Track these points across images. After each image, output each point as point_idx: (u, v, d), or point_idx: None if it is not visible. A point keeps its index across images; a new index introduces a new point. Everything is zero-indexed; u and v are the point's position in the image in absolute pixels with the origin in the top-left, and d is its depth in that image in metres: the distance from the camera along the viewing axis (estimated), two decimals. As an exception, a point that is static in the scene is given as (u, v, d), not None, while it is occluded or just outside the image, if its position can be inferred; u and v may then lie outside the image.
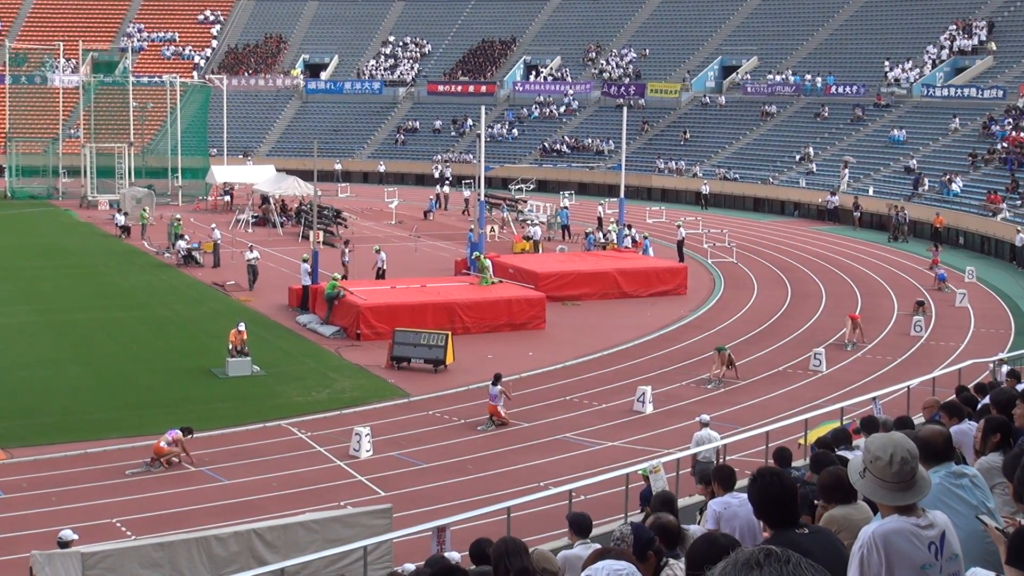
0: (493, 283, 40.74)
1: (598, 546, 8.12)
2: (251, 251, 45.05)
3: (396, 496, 22.09)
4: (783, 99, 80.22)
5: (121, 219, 59.26)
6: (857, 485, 5.17)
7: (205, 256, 49.88)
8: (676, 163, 77.99)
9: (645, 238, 51.99)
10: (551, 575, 8.60)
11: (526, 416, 27.98)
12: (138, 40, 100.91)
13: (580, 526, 10.54)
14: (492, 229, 57.17)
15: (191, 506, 22.18)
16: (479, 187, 51.64)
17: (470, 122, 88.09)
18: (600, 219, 60.03)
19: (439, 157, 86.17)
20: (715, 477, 10.92)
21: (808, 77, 79.90)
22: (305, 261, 40.43)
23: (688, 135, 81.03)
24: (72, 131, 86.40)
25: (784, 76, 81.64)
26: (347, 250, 47.10)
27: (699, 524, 10.34)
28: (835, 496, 7.40)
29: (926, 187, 62.40)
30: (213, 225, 52.57)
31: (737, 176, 74.15)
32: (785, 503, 6.04)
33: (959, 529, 5.49)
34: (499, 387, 27.54)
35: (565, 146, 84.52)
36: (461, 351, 33.34)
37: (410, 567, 13.89)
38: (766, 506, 6.10)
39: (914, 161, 66.15)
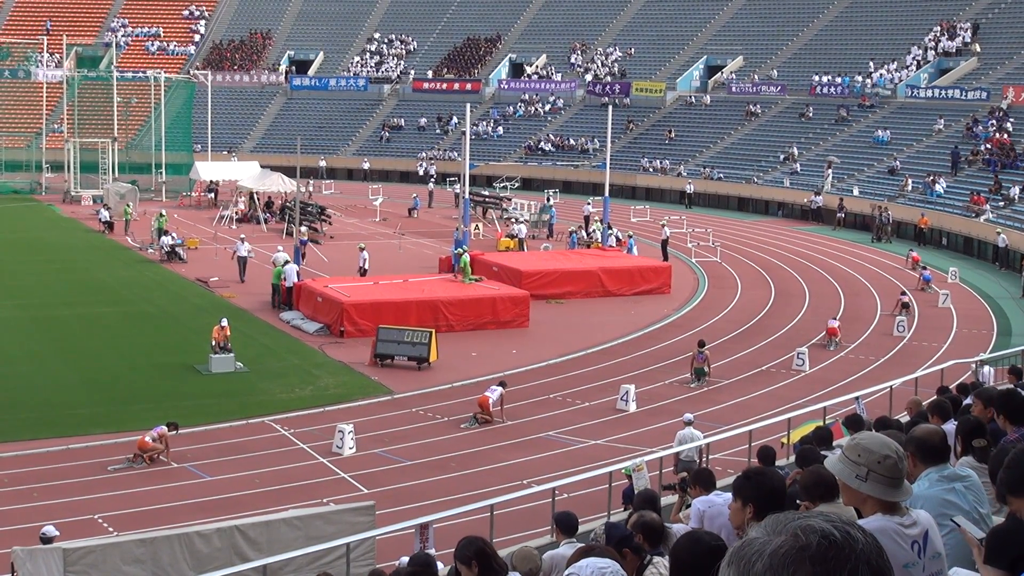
0: (472, 281, 40.72)
1: (583, 545, 8.13)
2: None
3: (379, 493, 22.09)
4: (768, 99, 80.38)
5: (105, 214, 59.05)
6: (862, 488, 5.14)
7: (188, 252, 49.77)
8: (661, 162, 78.05)
9: (629, 237, 52.05)
10: (534, 572, 8.62)
11: (510, 414, 27.97)
12: (122, 35, 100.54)
13: (567, 525, 10.55)
14: (476, 227, 57.14)
15: (174, 502, 22.13)
16: (464, 185, 51.57)
17: (455, 120, 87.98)
18: (587, 218, 59.99)
19: (424, 155, 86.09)
20: (696, 479, 10.96)
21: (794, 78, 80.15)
22: (287, 263, 40.76)
23: (673, 134, 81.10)
24: (55, 126, 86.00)
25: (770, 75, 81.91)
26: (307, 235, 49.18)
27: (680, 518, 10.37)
28: (818, 494, 7.41)
29: (965, 163, 61.80)
30: (242, 236, 48.06)
31: (721, 176, 74.25)
32: (776, 502, 6.03)
33: (948, 532, 5.50)
34: (501, 389, 27.55)
35: (550, 144, 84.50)
36: (445, 349, 33.32)
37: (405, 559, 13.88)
38: (760, 504, 6.08)
39: (898, 162, 66.42)
